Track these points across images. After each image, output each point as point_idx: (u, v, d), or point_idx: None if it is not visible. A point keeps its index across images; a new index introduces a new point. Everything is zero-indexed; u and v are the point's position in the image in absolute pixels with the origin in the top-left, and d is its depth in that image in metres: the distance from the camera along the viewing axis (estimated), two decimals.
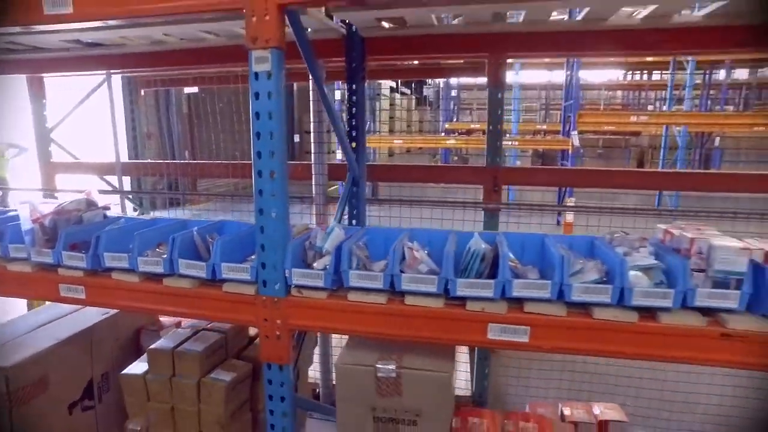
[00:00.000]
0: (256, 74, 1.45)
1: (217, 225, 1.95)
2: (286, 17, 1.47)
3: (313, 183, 2.85)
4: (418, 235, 1.74)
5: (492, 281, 1.43)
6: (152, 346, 1.99)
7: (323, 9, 2.03)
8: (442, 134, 12.46)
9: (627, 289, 1.38)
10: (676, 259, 1.41)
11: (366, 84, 2.52)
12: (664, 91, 12.74)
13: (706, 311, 1.38)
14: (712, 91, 13.06)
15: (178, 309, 1.69)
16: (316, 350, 2.93)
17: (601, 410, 2.31)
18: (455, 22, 2.26)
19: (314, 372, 2.96)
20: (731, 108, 14.95)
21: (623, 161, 14.87)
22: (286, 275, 1.55)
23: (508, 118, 9.71)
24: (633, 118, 8.12)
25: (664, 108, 10.93)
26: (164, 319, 2.80)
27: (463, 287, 1.44)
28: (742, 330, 1.33)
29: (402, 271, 1.50)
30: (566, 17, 1.98)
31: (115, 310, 2.50)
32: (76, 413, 2.28)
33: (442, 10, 1.97)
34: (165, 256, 1.68)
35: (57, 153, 3.72)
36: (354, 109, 2.40)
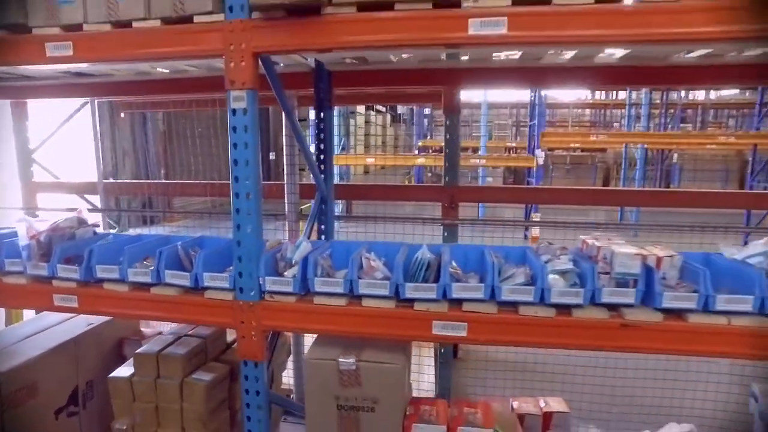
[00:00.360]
0: (234, 110, 1.71)
1: (198, 240, 2.17)
2: (259, 61, 1.73)
3: (286, 201, 3.11)
4: (375, 248, 2.00)
5: (435, 285, 1.70)
6: (138, 351, 2.19)
7: None
8: (416, 152, 12.86)
9: (546, 290, 1.66)
10: (587, 264, 1.71)
11: (336, 108, 2.79)
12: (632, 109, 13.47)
13: (610, 306, 1.67)
14: (671, 110, 13.83)
15: (164, 314, 1.91)
16: (290, 358, 3.15)
17: (546, 403, 2.58)
18: (412, 59, 2.55)
19: (288, 378, 3.17)
20: (689, 127, 15.81)
21: (590, 177, 15.52)
22: (260, 282, 1.79)
23: (477, 136, 10.16)
24: (593, 137, 8.62)
25: (638, 125, 11.55)
26: (146, 330, 2.98)
27: (410, 290, 1.71)
28: (638, 320, 1.62)
29: (360, 278, 1.76)
30: (517, 54, 2.27)
31: (100, 322, 2.69)
32: (61, 419, 2.44)
33: (399, 51, 2.26)
34: (152, 267, 1.90)
35: (38, 172, 3.87)
36: (322, 134, 2.67)
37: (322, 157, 2.66)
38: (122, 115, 4.61)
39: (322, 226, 2.78)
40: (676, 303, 1.62)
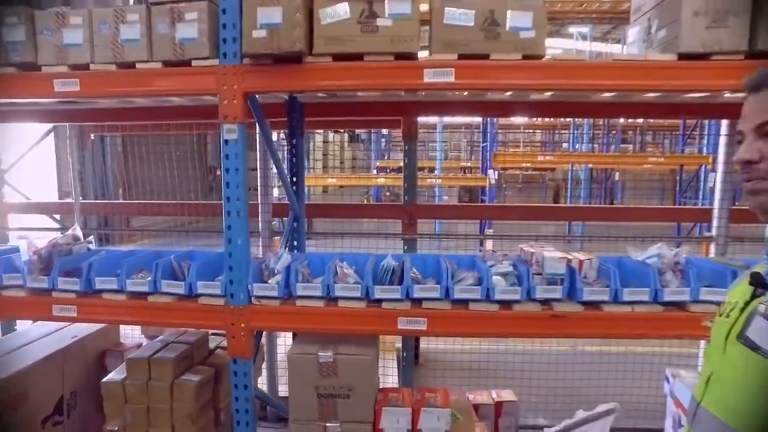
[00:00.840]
0: (227, 141, 2.00)
1: (188, 253, 2.42)
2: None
3: (260, 220, 3.37)
4: (346, 258, 2.31)
5: (399, 286, 2.02)
6: (130, 356, 2.38)
7: None
8: (374, 171, 13.26)
9: (491, 289, 2.02)
10: (523, 267, 2.08)
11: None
12: (576, 131, 14.44)
13: (542, 301, 2.05)
14: (613, 132, 14.91)
15: (160, 320, 2.15)
16: (264, 365, 3.37)
17: (498, 395, 2.93)
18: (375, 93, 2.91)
19: (262, 385, 3.39)
20: (630, 147, 17.04)
21: (541, 194, 16.40)
22: (249, 289, 2.07)
23: (433, 156, 10.68)
24: (540, 158, 9.30)
25: (580, 146, 12.42)
26: (126, 342, 3.15)
27: (379, 292, 2.02)
28: (564, 311, 2.00)
29: (335, 283, 2.06)
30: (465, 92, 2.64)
31: (84, 334, 2.84)
32: (47, 427, 2.57)
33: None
34: (149, 278, 2.13)
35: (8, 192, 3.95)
36: (294, 159, 2.97)
37: (294, 179, 2.96)
38: (92, 137, 4.74)
39: (295, 242, 3.06)
40: (593, 296, 2.01)
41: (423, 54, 1.94)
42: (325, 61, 1.92)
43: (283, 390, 3.45)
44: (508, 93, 2.62)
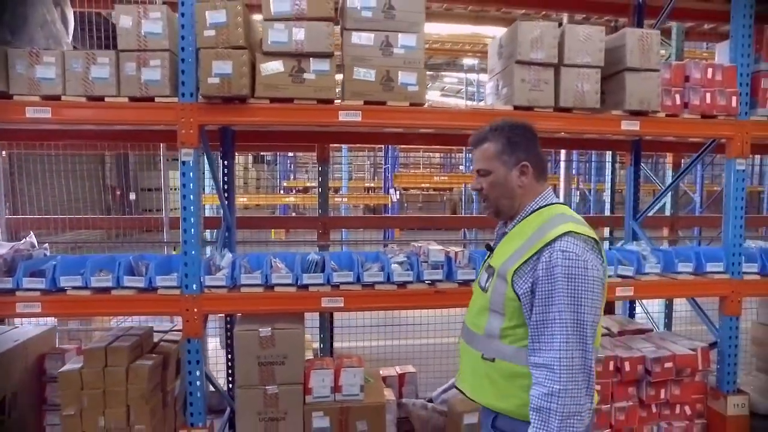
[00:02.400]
0: (183, 162, 2.51)
1: (139, 256, 2.83)
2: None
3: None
4: (278, 256, 2.88)
5: (322, 274, 2.65)
6: (87, 347, 2.72)
7: None
8: (281, 192, 13.68)
9: (390, 273, 2.71)
10: (414, 257, 2.81)
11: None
12: (470, 154, 16.03)
13: (429, 282, 2.78)
14: None
15: (123, 310, 2.57)
16: None
17: (402, 369, 3.62)
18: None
19: None
20: None
21: (441, 212, 17.81)
22: (201, 280, 2.56)
23: (339, 176, 11.45)
24: (436, 178, 10.44)
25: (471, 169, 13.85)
26: (65, 346, 3.39)
27: (307, 278, 2.63)
28: (444, 288, 2.75)
29: (272, 273, 2.63)
30: None
31: (25, 339, 3.07)
32: None
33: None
34: (110, 275, 2.53)
35: None
36: (226, 178, 3.46)
37: (227, 195, 3.46)
38: (3, 153, 4.77)
39: (226, 249, 3.55)
40: (463, 277, 2.79)
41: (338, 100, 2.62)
42: (264, 102, 2.53)
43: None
44: (401, 129, 3.40)
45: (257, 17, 2.69)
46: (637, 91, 2.81)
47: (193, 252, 2.54)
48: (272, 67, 2.50)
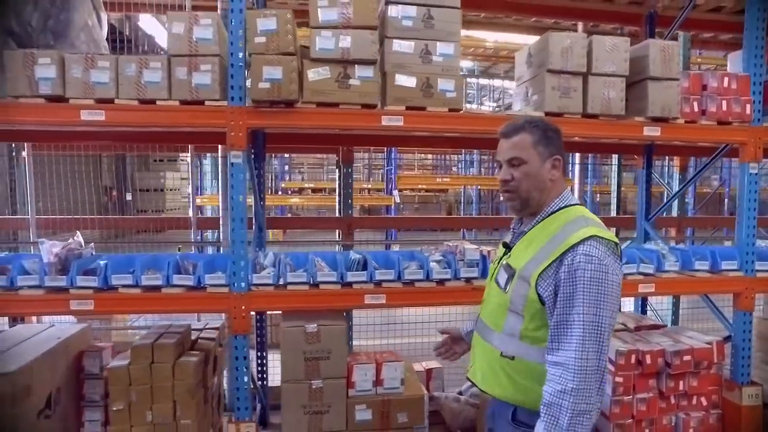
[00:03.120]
0: (233, 164, 2.59)
1: (183, 255, 2.90)
2: None
3: (221, 231, 3.87)
4: (318, 255, 2.98)
5: (365, 272, 2.75)
6: (134, 344, 2.78)
7: None
8: (279, 193, 13.72)
9: (430, 271, 2.83)
10: (451, 256, 2.93)
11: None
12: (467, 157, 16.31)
13: (465, 279, 2.90)
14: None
15: (173, 308, 2.63)
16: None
17: (427, 365, 3.73)
18: None
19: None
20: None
21: (437, 213, 18.01)
22: (249, 279, 2.65)
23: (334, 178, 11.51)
24: (439, 179, 10.60)
25: (472, 170, 14.08)
26: (100, 344, 3.44)
27: (350, 276, 2.73)
28: (480, 285, 2.87)
29: (317, 271, 2.73)
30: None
31: (67, 336, 3.11)
32: (41, 420, 2.83)
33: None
34: (160, 274, 2.61)
35: None
36: (259, 179, 3.55)
37: (260, 195, 3.55)
38: (23, 154, 4.78)
39: (257, 248, 3.63)
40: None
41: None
42: (311, 107, 2.63)
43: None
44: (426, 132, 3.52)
45: None
46: (659, 99, 2.97)
47: (241, 251, 2.62)
48: (320, 72, 2.60)
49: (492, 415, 1.77)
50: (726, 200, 9.30)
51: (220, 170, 5.23)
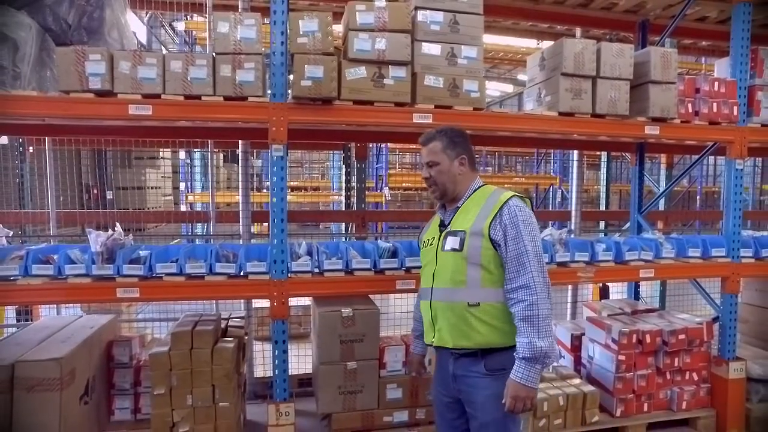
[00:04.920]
0: (275, 157, 2.73)
1: (222, 245, 3.02)
2: None
3: (241, 225, 3.99)
4: (350, 245, 3.15)
5: (396, 259, 2.93)
6: (174, 330, 2.89)
7: None
8: (265, 191, 13.69)
9: None
10: None
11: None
12: None
13: None
14: (477, 156, 17.35)
15: (216, 295, 2.75)
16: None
17: None
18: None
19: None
20: (490, 169, 19.84)
21: (420, 209, 18.25)
22: (288, 266, 2.79)
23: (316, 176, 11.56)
24: None
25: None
26: (128, 335, 3.51)
27: (383, 263, 2.91)
28: None
29: (351, 259, 2.90)
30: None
31: (98, 326, 3.19)
32: (81, 405, 2.91)
33: None
34: (201, 262, 2.72)
35: None
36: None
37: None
38: (30, 149, 4.74)
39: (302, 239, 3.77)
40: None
41: None
42: (348, 104, 2.79)
43: (258, 372, 4.07)
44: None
45: None
46: (659, 101, 3.25)
47: (281, 240, 2.77)
48: (357, 72, 2.77)
49: (454, 377, 2.05)
50: (698, 196, 9.88)
51: (211, 166, 5.35)
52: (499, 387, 1.92)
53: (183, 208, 8.78)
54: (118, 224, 2.88)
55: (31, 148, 4.67)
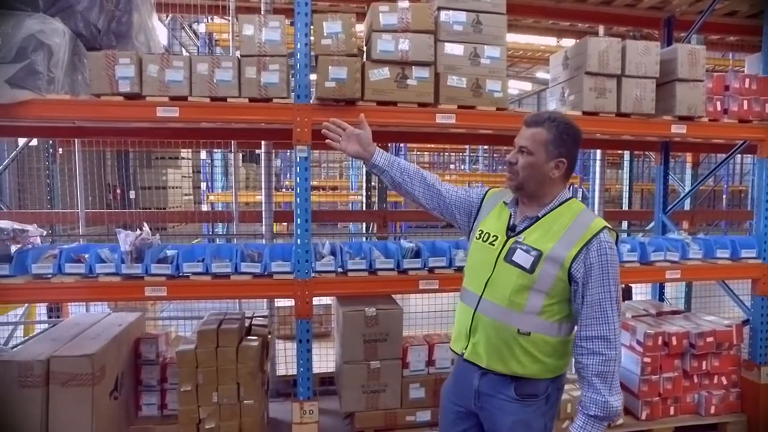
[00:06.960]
0: (300, 157, 2.76)
1: (247, 245, 3.06)
2: None
3: (264, 224, 4.04)
4: (373, 244, 3.16)
5: (419, 259, 2.94)
6: (200, 329, 2.94)
7: None
8: (283, 190, 13.84)
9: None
10: None
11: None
12: (461, 153, 16.62)
13: None
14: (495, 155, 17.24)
15: (241, 294, 2.79)
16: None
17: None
18: None
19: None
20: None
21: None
22: (313, 266, 2.82)
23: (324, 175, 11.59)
24: (447, 177, 10.83)
25: (464, 167, 14.34)
26: (154, 332, 3.58)
27: (406, 263, 2.92)
28: None
29: (374, 259, 2.91)
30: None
31: (126, 324, 3.26)
32: (111, 400, 2.98)
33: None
34: (227, 262, 2.76)
35: None
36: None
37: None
38: (60, 151, 4.88)
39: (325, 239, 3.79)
40: None
41: None
42: (371, 105, 2.80)
43: (280, 370, 4.10)
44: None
45: None
46: (686, 99, 3.19)
47: (304, 241, 2.79)
48: (380, 73, 2.78)
49: (477, 394, 1.84)
50: (724, 195, 9.64)
51: (235, 166, 5.41)
52: (527, 414, 1.78)
53: (204, 207, 8.89)
54: (145, 224, 2.94)
55: (60, 149, 4.77)
